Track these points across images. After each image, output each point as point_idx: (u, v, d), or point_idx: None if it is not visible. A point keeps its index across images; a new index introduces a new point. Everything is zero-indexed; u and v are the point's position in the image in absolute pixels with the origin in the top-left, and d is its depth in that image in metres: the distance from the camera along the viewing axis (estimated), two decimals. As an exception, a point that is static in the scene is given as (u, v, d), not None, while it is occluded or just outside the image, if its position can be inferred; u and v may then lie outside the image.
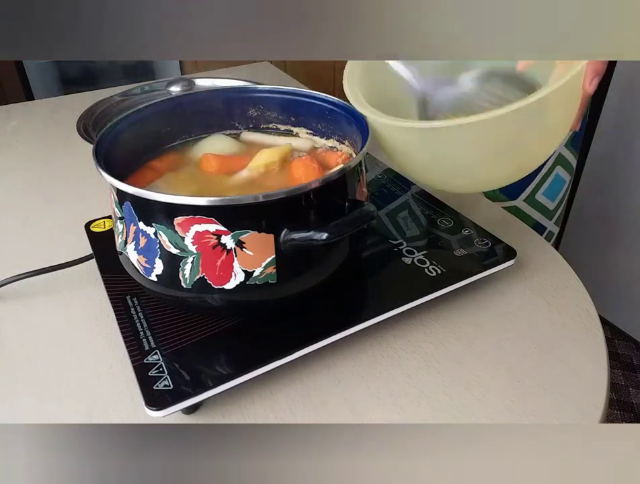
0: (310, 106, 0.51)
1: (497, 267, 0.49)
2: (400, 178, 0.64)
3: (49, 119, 0.90)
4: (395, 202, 0.60)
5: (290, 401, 0.40)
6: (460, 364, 0.43)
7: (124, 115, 0.47)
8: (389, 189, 0.62)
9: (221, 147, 0.52)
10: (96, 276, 0.50)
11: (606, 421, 0.40)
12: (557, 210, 0.78)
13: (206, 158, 0.48)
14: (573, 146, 0.75)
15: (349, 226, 0.38)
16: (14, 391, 0.41)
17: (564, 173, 0.75)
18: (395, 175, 0.65)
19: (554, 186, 0.75)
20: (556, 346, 0.44)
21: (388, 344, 0.45)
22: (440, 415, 0.39)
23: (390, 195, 0.61)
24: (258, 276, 0.38)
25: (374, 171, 0.67)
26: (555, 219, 0.78)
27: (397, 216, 0.57)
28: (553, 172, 0.74)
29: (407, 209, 0.58)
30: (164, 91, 0.91)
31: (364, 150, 0.41)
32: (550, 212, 0.77)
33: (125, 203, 0.39)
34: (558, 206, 0.77)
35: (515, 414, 0.39)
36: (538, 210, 0.75)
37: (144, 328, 0.42)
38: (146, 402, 0.36)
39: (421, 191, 0.61)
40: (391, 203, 0.59)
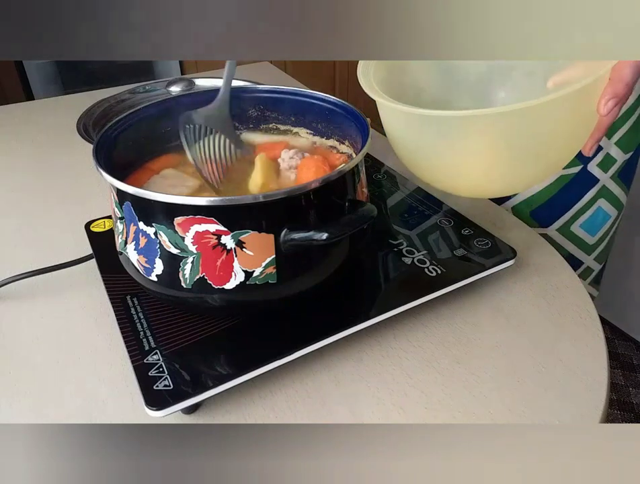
0: (310, 106, 0.51)
1: (497, 267, 0.49)
2: (398, 177, 0.64)
3: (49, 119, 0.90)
4: (394, 201, 0.60)
5: (290, 401, 0.40)
6: (460, 363, 0.43)
7: (124, 115, 0.47)
8: (389, 189, 0.62)
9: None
10: (96, 276, 0.50)
11: (606, 421, 0.40)
12: (599, 246, 0.71)
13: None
14: (622, 180, 0.67)
15: (349, 226, 0.38)
16: (14, 391, 0.41)
17: (609, 207, 0.68)
18: (393, 174, 0.65)
19: (595, 219, 0.68)
20: (556, 346, 0.44)
21: (388, 344, 0.45)
22: (440, 415, 0.39)
23: (389, 194, 0.61)
24: (258, 276, 0.38)
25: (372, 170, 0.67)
26: (596, 255, 0.71)
27: (397, 216, 0.57)
28: (595, 204, 0.67)
29: (407, 209, 0.58)
30: (164, 91, 0.91)
31: (364, 150, 0.41)
32: (589, 247, 0.70)
33: (125, 203, 0.39)
34: (600, 241, 0.70)
35: (515, 414, 0.39)
36: (574, 243, 0.69)
37: (144, 328, 0.42)
38: (146, 402, 0.36)
39: (421, 191, 0.61)
40: (390, 202, 0.59)
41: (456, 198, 0.62)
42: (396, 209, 0.58)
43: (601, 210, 0.68)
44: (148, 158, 0.50)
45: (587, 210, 0.67)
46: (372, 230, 0.47)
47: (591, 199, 0.66)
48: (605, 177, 0.65)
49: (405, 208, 0.58)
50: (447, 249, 0.51)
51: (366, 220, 0.39)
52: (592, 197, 0.66)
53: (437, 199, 0.59)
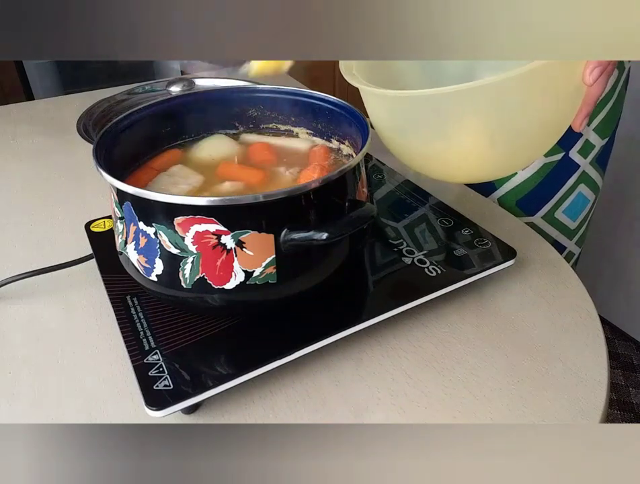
0: (310, 106, 0.51)
1: (497, 267, 0.49)
2: (396, 176, 0.64)
3: (49, 119, 0.90)
4: (394, 200, 0.60)
5: (290, 401, 0.40)
6: (460, 363, 0.43)
7: (124, 115, 0.47)
8: (388, 188, 0.62)
9: (221, 147, 0.52)
10: (96, 276, 0.50)
11: (606, 421, 0.40)
12: (579, 230, 0.73)
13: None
14: (599, 164, 0.70)
15: (349, 226, 0.38)
16: (14, 391, 0.41)
17: (588, 192, 0.71)
18: (391, 172, 0.65)
19: (576, 205, 0.71)
20: (556, 346, 0.44)
21: (388, 344, 0.45)
22: (439, 415, 0.39)
23: (389, 194, 0.61)
24: (258, 276, 0.38)
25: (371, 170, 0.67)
26: (577, 239, 0.74)
27: (397, 216, 0.57)
28: (576, 190, 0.69)
29: (406, 208, 0.58)
30: (164, 91, 0.91)
31: (363, 150, 0.41)
32: (571, 232, 0.72)
33: (125, 203, 0.39)
34: (580, 225, 0.73)
35: (515, 414, 0.39)
36: (558, 229, 0.71)
37: (144, 328, 0.42)
38: (146, 402, 0.36)
39: (418, 189, 0.61)
40: (391, 202, 0.59)
41: (457, 198, 0.62)
42: (396, 209, 0.58)
43: (581, 195, 0.70)
44: (149, 157, 0.50)
45: (570, 195, 0.70)
46: (372, 231, 0.47)
47: (572, 185, 0.69)
48: (585, 162, 0.68)
49: (405, 207, 0.58)
50: (447, 249, 0.51)
51: (366, 220, 0.39)
52: (574, 183, 0.69)
53: (438, 199, 0.59)
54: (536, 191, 0.68)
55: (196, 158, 0.51)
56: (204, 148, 0.52)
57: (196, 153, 0.51)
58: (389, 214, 0.57)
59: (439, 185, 0.61)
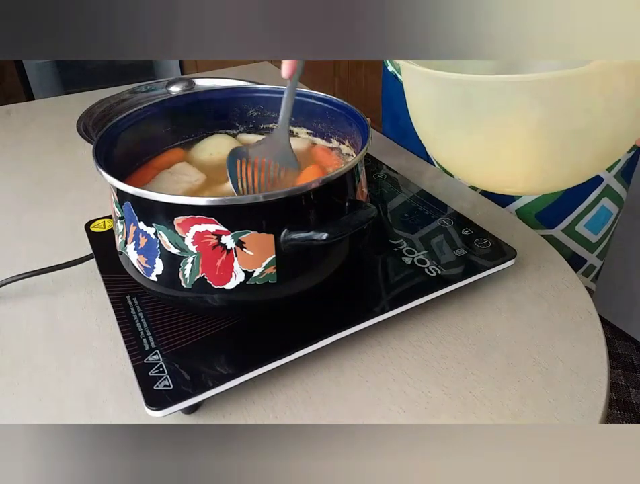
0: (310, 106, 0.52)
1: (497, 267, 0.49)
2: (398, 177, 0.64)
3: (49, 119, 0.90)
4: (395, 201, 0.60)
5: (290, 401, 0.40)
6: (460, 363, 0.43)
7: (124, 115, 0.47)
8: (388, 189, 0.62)
9: (221, 147, 0.52)
10: (96, 276, 0.50)
11: (606, 421, 0.40)
12: (601, 243, 0.71)
13: None
14: (624, 178, 0.68)
15: (349, 226, 0.38)
16: (14, 391, 0.41)
17: (611, 205, 0.68)
18: (391, 173, 0.65)
19: (599, 218, 0.68)
20: (556, 346, 0.44)
21: (388, 344, 0.45)
22: (440, 415, 0.39)
23: (390, 195, 0.61)
24: (258, 276, 0.38)
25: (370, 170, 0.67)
26: (598, 252, 0.71)
27: (397, 216, 0.57)
28: (599, 204, 0.67)
29: (407, 209, 0.58)
30: (164, 91, 0.91)
31: (363, 151, 0.41)
32: (592, 245, 0.70)
33: (125, 203, 0.39)
34: (602, 239, 0.70)
35: (515, 414, 0.39)
36: (578, 242, 0.69)
37: (144, 328, 0.42)
38: (146, 403, 0.36)
39: (421, 190, 0.61)
40: (391, 202, 0.59)
41: (457, 198, 0.62)
42: (397, 209, 0.58)
43: (604, 208, 0.68)
44: (149, 157, 0.50)
45: (592, 209, 0.67)
46: (372, 231, 0.47)
47: (595, 198, 0.66)
48: (609, 176, 0.66)
49: (405, 208, 0.58)
50: (447, 249, 0.51)
51: (365, 220, 0.39)
52: (597, 196, 0.66)
53: (438, 199, 0.59)
54: (556, 205, 0.66)
55: (197, 157, 0.51)
56: (205, 147, 0.52)
57: (197, 153, 0.51)
58: (389, 213, 0.57)
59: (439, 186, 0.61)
